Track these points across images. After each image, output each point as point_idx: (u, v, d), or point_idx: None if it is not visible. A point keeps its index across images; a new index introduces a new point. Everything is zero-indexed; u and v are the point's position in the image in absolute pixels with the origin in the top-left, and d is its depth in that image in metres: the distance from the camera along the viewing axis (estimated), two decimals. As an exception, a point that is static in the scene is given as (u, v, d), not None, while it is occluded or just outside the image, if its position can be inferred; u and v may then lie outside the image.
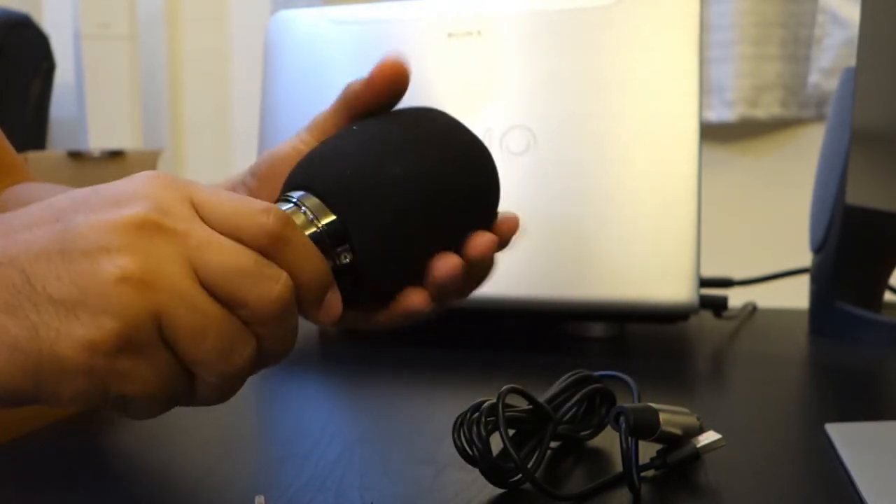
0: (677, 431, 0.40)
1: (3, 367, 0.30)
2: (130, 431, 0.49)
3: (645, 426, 0.39)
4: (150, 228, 0.30)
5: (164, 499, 0.39)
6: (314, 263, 0.34)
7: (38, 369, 0.30)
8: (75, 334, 0.29)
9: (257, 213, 0.32)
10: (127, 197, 0.31)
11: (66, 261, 0.30)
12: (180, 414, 0.34)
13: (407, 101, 0.47)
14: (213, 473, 0.42)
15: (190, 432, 0.48)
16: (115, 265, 0.29)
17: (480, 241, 0.41)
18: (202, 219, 0.32)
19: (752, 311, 0.83)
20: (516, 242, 0.46)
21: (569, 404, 0.43)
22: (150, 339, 0.30)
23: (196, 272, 0.31)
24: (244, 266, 0.31)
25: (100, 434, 0.49)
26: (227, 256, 0.31)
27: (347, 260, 0.36)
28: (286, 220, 0.33)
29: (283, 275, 0.32)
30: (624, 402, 0.41)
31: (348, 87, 0.44)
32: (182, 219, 0.31)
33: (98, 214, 0.30)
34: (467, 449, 0.38)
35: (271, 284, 0.32)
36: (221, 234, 0.32)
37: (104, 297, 0.29)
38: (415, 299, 0.40)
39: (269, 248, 0.32)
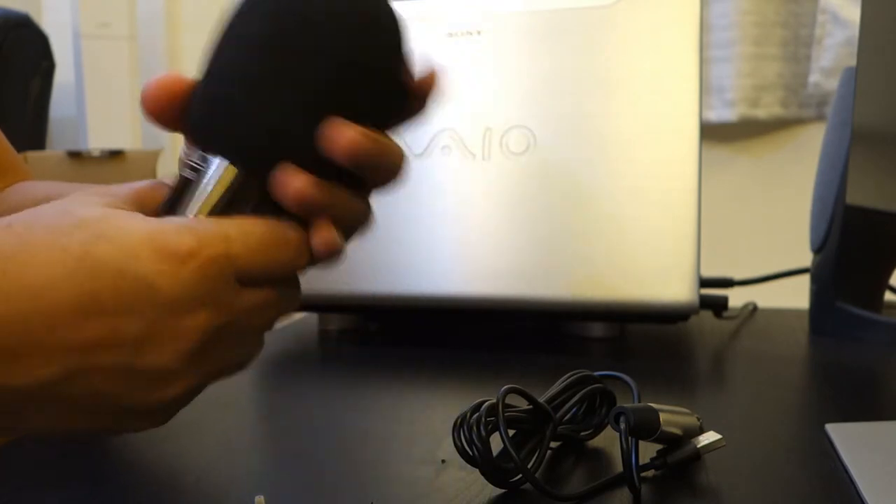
0: (677, 431, 0.40)
1: None
2: (129, 432, 0.49)
3: (645, 426, 0.39)
4: (206, 342, 0.32)
5: (165, 499, 0.39)
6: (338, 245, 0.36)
7: None
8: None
9: (291, 259, 0.35)
10: (181, 307, 0.32)
11: (134, 380, 0.32)
12: (180, 414, 0.34)
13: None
14: (213, 473, 0.42)
15: (190, 432, 0.48)
16: (184, 387, 0.33)
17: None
18: (244, 275, 0.33)
19: (752, 311, 0.83)
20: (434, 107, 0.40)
21: (569, 404, 0.43)
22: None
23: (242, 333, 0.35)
24: (274, 318, 0.36)
25: (98, 436, 0.49)
26: (263, 319, 0.35)
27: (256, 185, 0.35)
28: (299, 240, 0.35)
29: (298, 296, 0.37)
30: (624, 402, 0.41)
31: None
32: (230, 307, 0.33)
33: (161, 338, 0.31)
34: (467, 449, 0.38)
35: (292, 309, 0.37)
36: (264, 276, 0.34)
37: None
38: (293, 180, 0.35)
39: (304, 267, 0.36)
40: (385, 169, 0.37)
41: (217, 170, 0.35)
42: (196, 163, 0.35)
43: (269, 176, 0.35)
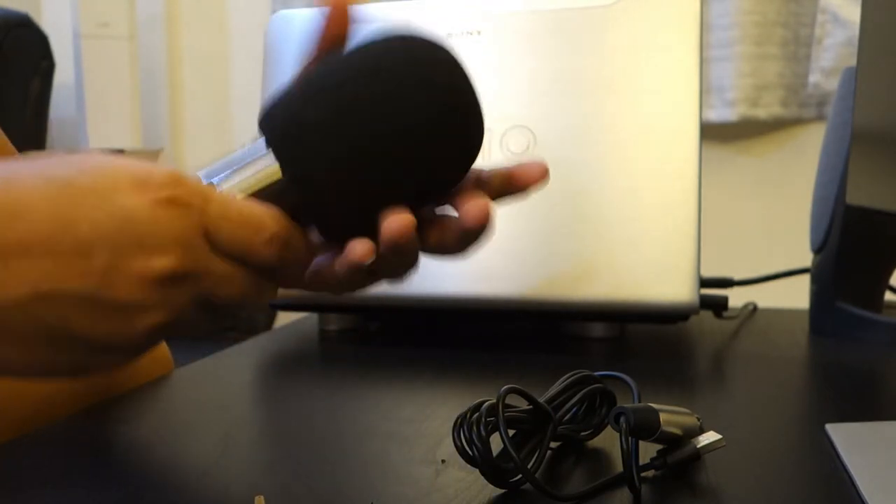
0: (677, 431, 0.40)
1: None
2: (130, 431, 0.49)
3: (645, 426, 0.39)
4: (177, 281, 0.33)
5: (164, 499, 0.39)
6: (299, 246, 0.38)
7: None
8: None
9: (261, 244, 0.36)
10: (152, 242, 0.32)
11: (99, 310, 0.32)
12: (180, 414, 0.34)
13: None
14: (213, 473, 0.42)
15: (190, 432, 0.48)
16: (146, 324, 0.33)
17: (470, 203, 0.40)
18: (213, 237, 0.34)
19: (752, 311, 0.83)
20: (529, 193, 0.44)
21: (569, 404, 0.43)
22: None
23: (209, 301, 0.36)
24: (244, 296, 0.36)
25: (99, 434, 0.49)
26: (233, 292, 0.36)
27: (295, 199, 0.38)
28: (285, 242, 0.36)
29: (273, 287, 0.38)
30: (624, 402, 0.40)
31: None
32: (199, 257, 0.34)
33: (129, 265, 0.32)
34: (467, 449, 0.38)
35: (265, 298, 0.38)
36: (231, 256, 0.35)
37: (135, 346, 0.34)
38: (357, 249, 0.38)
39: (270, 262, 0.36)
40: (400, 268, 0.40)
41: (267, 162, 0.38)
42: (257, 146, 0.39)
43: (311, 202, 0.38)
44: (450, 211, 0.40)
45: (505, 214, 0.68)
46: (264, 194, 0.38)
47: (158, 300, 0.33)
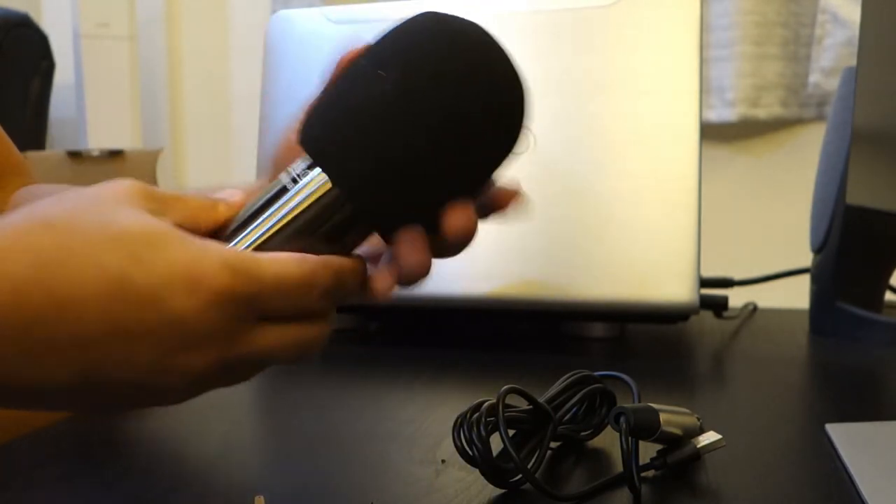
0: (677, 432, 0.40)
1: None
2: (130, 431, 0.49)
3: (645, 426, 0.39)
4: (211, 375, 0.34)
5: (164, 498, 0.39)
6: (354, 283, 0.37)
7: None
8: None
9: (316, 300, 0.36)
10: (197, 341, 0.33)
11: (143, 392, 0.33)
12: (180, 414, 0.34)
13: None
14: (214, 473, 0.42)
15: (190, 432, 0.48)
16: (189, 395, 0.34)
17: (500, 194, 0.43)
18: (265, 313, 0.34)
19: (752, 311, 0.83)
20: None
21: (569, 404, 0.43)
22: None
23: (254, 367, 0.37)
24: (291, 357, 0.37)
25: (99, 435, 0.49)
26: (279, 357, 0.36)
27: (349, 212, 0.37)
28: (338, 286, 0.36)
29: (323, 333, 0.38)
30: (624, 403, 0.40)
31: None
32: (243, 343, 0.34)
33: (173, 361, 0.33)
34: (467, 449, 0.38)
35: (313, 352, 0.38)
36: (284, 314, 0.35)
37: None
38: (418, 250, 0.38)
39: (326, 312, 0.37)
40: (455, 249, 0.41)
41: (315, 181, 0.36)
42: (297, 175, 0.37)
43: (369, 214, 0.37)
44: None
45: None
46: (312, 220, 0.36)
47: (198, 385, 0.34)
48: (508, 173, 0.45)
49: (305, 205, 0.36)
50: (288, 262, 0.34)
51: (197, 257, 0.33)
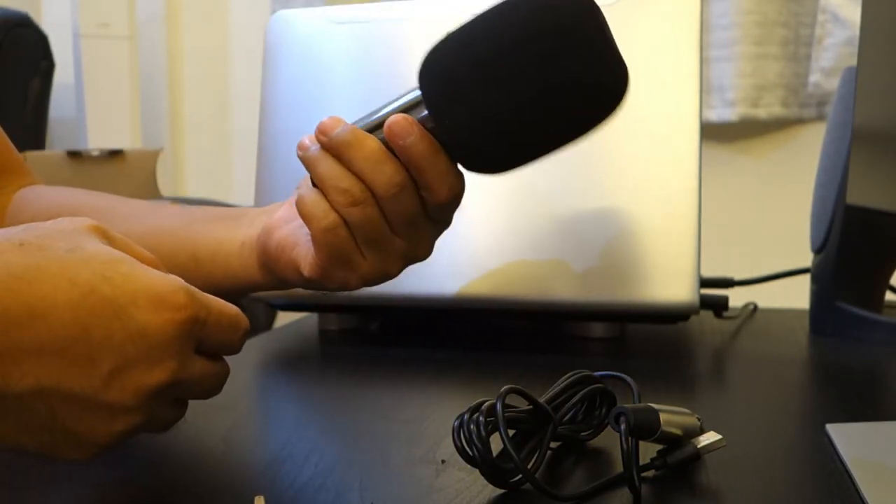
0: (678, 432, 0.40)
1: None
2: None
3: (645, 426, 0.39)
4: (161, 391, 0.35)
5: (164, 498, 0.39)
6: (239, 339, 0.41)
7: None
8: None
9: (238, 340, 0.40)
10: (156, 356, 0.35)
11: (88, 409, 0.34)
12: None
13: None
14: (214, 473, 0.42)
15: (190, 432, 0.48)
16: (125, 425, 0.35)
17: None
18: (203, 342, 0.37)
19: (752, 311, 0.83)
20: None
21: (569, 404, 0.43)
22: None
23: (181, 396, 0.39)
24: (210, 388, 0.39)
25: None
26: (203, 387, 0.39)
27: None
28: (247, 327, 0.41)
29: (225, 372, 0.41)
30: (624, 403, 0.40)
31: None
32: (187, 366, 0.36)
33: (130, 375, 0.34)
34: (467, 449, 0.38)
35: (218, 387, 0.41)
36: (213, 347, 0.39)
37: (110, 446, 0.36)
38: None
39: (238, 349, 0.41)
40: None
41: (413, 94, 0.44)
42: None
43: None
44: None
45: (505, 214, 0.68)
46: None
47: (144, 405, 0.35)
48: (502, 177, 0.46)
49: (397, 104, 0.45)
50: (224, 302, 0.39)
51: (160, 280, 0.36)
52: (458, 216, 0.50)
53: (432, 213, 0.48)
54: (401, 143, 0.44)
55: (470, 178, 0.47)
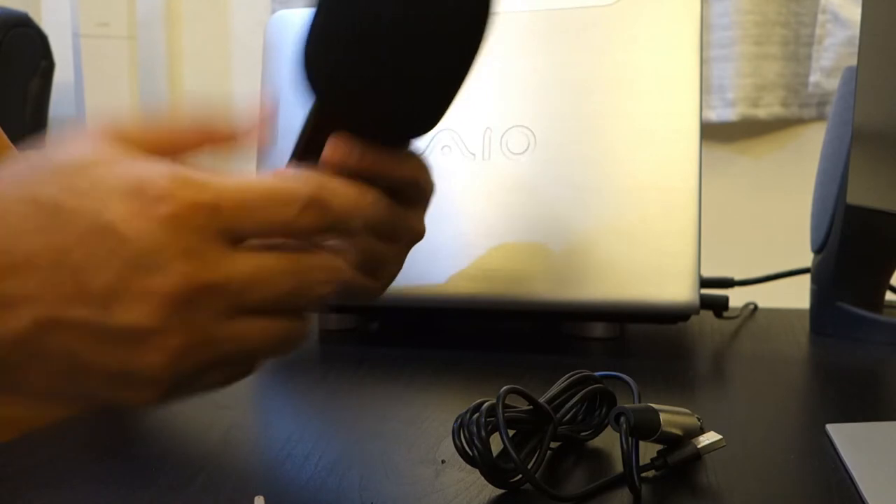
0: (678, 432, 0.40)
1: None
2: (130, 431, 0.49)
3: (645, 426, 0.39)
4: (185, 300, 0.29)
5: (164, 498, 0.39)
6: (359, 204, 0.34)
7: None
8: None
9: (296, 215, 0.31)
10: (151, 261, 0.29)
11: (106, 337, 0.30)
12: (180, 414, 0.34)
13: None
14: (214, 473, 0.42)
15: (190, 432, 0.48)
16: (163, 350, 0.30)
17: None
18: (235, 232, 0.30)
19: (752, 311, 0.83)
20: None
21: (569, 405, 0.43)
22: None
23: (244, 310, 0.31)
24: (290, 289, 0.32)
25: (98, 434, 0.49)
26: (270, 290, 0.31)
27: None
28: (315, 194, 0.31)
29: (331, 265, 0.33)
30: (624, 403, 0.40)
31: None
32: (216, 266, 0.30)
33: (129, 289, 0.29)
34: (467, 449, 0.38)
35: (322, 287, 0.33)
36: (260, 235, 0.31)
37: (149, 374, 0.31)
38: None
39: (315, 230, 0.32)
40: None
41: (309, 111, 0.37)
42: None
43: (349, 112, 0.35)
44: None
45: (505, 214, 0.68)
46: (310, 141, 0.36)
47: (172, 322, 0.29)
48: (509, 171, 0.45)
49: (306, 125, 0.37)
50: (254, 178, 0.31)
51: (137, 172, 0.30)
52: (459, 216, 0.50)
53: (409, 198, 0.40)
54: (352, 164, 0.36)
55: (471, 178, 0.47)
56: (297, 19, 0.76)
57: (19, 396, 0.32)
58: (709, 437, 0.40)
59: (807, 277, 0.78)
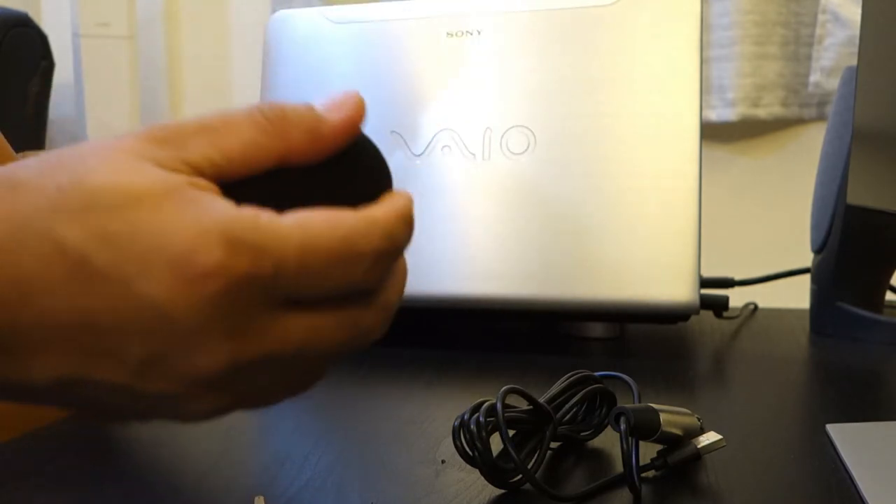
0: (678, 432, 0.40)
1: None
2: (130, 431, 0.49)
3: (645, 427, 0.39)
4: (230, 375, 0.26)
5: (164, 499, 0.39)
6: (407, 236, 0.30)
7: None
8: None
9: (362, 276, 0.27)
10: (196, 340, 0.25)
11: (138, 399, 0.27)
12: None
13: (406, 102, 0.47)
14: (213, 473, 0.42)
15: (190, 432, 0.48)
16: (200, 411, 0.27)
17: None
18: (292, 298, 0.27)
19: (752, 311, 0.83)
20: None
21: (569, 405, 0.43)
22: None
23: (291, 369, 0.28)
24: (340, 346, 0.28)
25: (99, 434, 0.49)
26: (322, 349, 0.28)
27: None
28: (384, 248, 0.28)
29: (384, 317, 0.30)
30: (624, 403, 0.40)
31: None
32: (267, 337, 0.26)
33: (168, 364, 0.26)
34: (467, 449, 0.38)
35: (371, 340, 0.30)
36: (319, 298, 0.27)
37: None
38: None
39: (377, 284, 0.29)
40: None
41: None
42: None
43: None
44: None
45: (505, 214, 0.68)
46: None
47: (209, 391, 0.26)
48: (508, 170, 0.45)
49: None
50: (319, 226, 0.26)
51: (186, 225, 0.25)
52: (459, 216, 0.50)
53: None
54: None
55: (471, 178, 0.47)
56: (298, 19, 0.76)
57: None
58: (709, 437, 0.40)
59: (807, 277, 0.77)
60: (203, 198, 0.25)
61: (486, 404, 0.38)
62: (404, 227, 0.29)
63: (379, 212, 0.28)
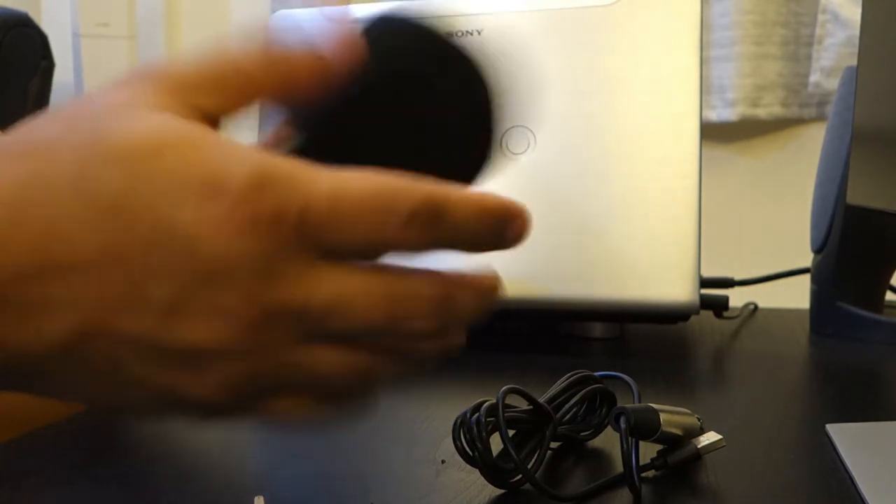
0: (678, 432, 0.40)
1: None
2: (130, 430, 0.49)
3: (645, 426, 0.39)
4: (256, 323, 0.25)
5: (164, 498, 0.39)
6: (467, 220, 0.29)
7: None
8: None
9: (396, 229, 0.26)
10: (224, 277, 0.24)
11: (159, 356, 0.25)
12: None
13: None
14: (213, 473, 0.42)
15: (191, 432, 0.48)
16: (221, 377, 0.26)
17: None
18: (323, 246, 0.25)
19: (752, 311, 0.83)
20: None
21: (569, 404, 0.43)
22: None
23: (322, 337, 0.26)
24: (380, 321, 0.26)
25: (99, 434, 0.49)
26: (356, 319, 0.26)
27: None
28: (433, 215, 0.27)
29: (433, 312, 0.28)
30: (624, 403, 0.40)
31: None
32: (296, 286, 0.25)
33: (192, 302, 0.25)
34: (467, 449, 0.38)
35: (421, 324, 0.28)
36: (354, 250, 0.26)
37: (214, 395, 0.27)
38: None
39: (422, 247, 0.27)
40: None
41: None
42: None
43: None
44: None
45: (505, 214, 0.68)
46: None
47: (237, 346, 0.25)
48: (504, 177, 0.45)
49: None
50: (355, 176, 0.25)
51: (219, 161, 0.24)
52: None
53: None
54: None
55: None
56: (298, 19, 0.76)
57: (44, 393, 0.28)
58: (709, 437, 0.40)
59: (807, 277, 0.77)
60: (228, 141, 0.26)
61: (486, 404, 0.38)
62: (462, 207, 0.28)
63: (428, 185, 0.27)
